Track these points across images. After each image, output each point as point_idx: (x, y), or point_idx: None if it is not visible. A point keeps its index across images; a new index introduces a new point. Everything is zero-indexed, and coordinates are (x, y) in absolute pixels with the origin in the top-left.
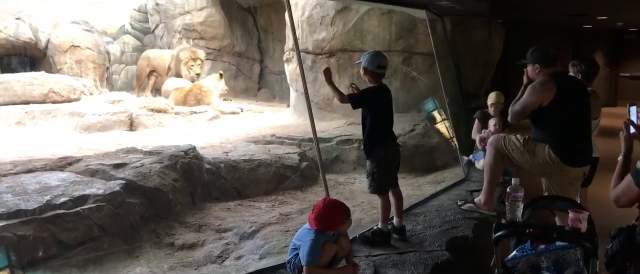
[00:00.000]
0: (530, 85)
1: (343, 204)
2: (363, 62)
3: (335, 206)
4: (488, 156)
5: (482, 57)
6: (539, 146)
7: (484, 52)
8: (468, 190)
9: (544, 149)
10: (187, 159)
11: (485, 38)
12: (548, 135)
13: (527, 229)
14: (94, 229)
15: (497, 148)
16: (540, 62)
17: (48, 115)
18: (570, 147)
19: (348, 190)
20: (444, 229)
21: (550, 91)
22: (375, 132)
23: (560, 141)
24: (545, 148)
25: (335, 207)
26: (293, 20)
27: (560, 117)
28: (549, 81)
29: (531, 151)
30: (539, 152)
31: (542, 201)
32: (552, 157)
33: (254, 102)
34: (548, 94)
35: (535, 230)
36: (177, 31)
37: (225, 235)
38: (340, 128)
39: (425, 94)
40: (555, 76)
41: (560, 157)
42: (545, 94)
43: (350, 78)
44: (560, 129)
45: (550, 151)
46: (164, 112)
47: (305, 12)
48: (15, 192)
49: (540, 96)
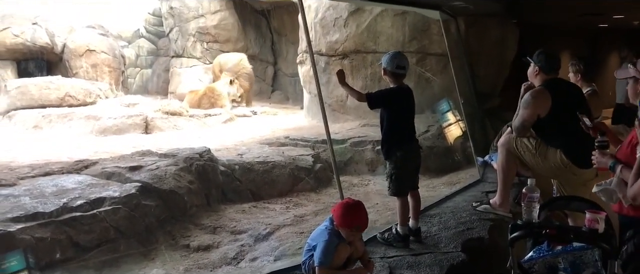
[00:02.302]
0: (523, 98)
1: (361, 215)
2: (383, 62)
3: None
4: (500, 157)
5: (497, 57)
6: (550, 150)
7: (498, 52)
8: (483, 191)
9: (555, 153)
10: (202, 162)
11: (500, 38)
12: (556, 141)
13: (544, 230)
14: (110, 231)
15: (509, 149)
16: (542, 66)
17: (64, 118)
18: (580, 150)
19: (362, 192)
20: (460, 231)
21: (546, 102)
22: (393, 133)
23: (570, 145)
24: (557, 152)
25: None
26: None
27: (562, 124)
28: (543, 91)
29: (543, 155)
30: (551, 156)
31: (559, 202)
32: (564, 161)
33: (268, 104)
34: (544, 105)
35: (551, 231)
36: (192, 34)
37: (240, 237)
38: (353, 130)
39: (440, 95)
40: (550, 84)
41: (572, 161)
42: (541, 106)
43: (364, 79)
44: (567, 135)
45: (562, 155)
46: (179, 115)
47: (319, 14)
48: (33, 195)
49: (535, 109)
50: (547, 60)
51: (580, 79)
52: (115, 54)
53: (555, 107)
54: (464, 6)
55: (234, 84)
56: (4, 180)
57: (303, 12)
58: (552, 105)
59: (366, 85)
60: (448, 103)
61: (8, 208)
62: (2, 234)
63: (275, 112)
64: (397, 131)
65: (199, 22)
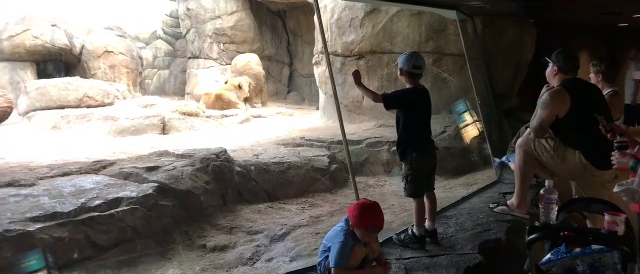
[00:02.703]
0: (541, 99)
1: (377, 216)
2: (399, 63)
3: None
4: (517, 158)
5: (514, 57)
6: (568, 152)
7: (516, 52)
8: (500, 192)
9: (574, 154)
10: (218, 162)
11: (517, 38)
12: (575, 142)
13: (562, 232)
14: (128, 231)
15: (527, 150)
16: (561, 66)
17: (83, 119)
18: (599, 151)
19: (378, 192)
20: (476, 232)
21: (564, 102)
22: (409, 134)
23: (589, 146)
24: (576, 154)
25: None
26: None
27: (582, 124)
28: (561, 91)
29: (561, 156)
30: (570, 158)
31: (578, 204)
32: (583, 163)
33: (284, 105)
34: (562, 105)
35: (569, 233)
36: (208, 36)
37: (256, 237)
38: (369, 130)
39: (456, 95)
40: (568, 84)
41: (592, 162)
42: (559, 106)
43: (380, 80)
44: (586, 135)
45: (581, 156)
46: (196, 116)
47: (335, 15)
48: (52, 195)
49: (554, 109)
50: (565, 60)
51: (601, 79)
52: (132, 55)
53: (574, 107)
54: (480, 6)
55: (242, 85)
56: (23, 180)
57: (319, 12)
58: (571, 105)
59: (382, 86)
60: (465, 103)
61: (27, 208)
62: (21, 234)
63: (291, 112)
64: (413, 131)
65: (216, 23)
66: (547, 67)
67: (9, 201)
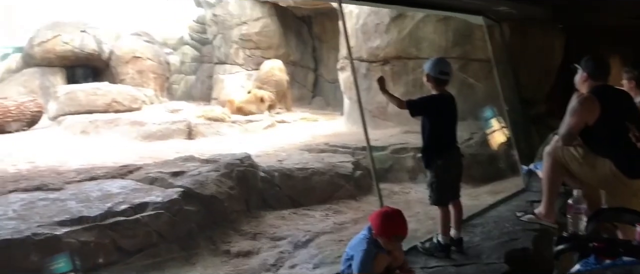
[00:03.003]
0: (570, 105)
1: (401, 224)
2: (425, 68)
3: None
4: (545, 165)
5: (542, 63)
6: (598, 160)
7: (544, 58)
8: (528, 200)
9: (604, 163)
10: (243, 168)
11: (545, 44)
12: (605, 150)
13: (591, 243)
14: (153, 236)
15: (555, 158)
16: (590, 72)
17: (110, 124)
18: (631, 159)
19: (403, 200)
20: (503, 241)
21: (594, 109)
22: (434, 141)
23: (620, 154)
24: (606, 162)
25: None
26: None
27: (612, 132)
28: (591, 98)
29: (591, 164)
30: (599, 166)
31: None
32: (614, 171)
33: (308, 110)
34: (592, 113)
35: (599, 244)
36: (234, 41)
37: (279, 243)
38: (395, 136)
39: (483, 101)
40: (598, 90)
41: (623, 171)
42: (589, 114)
43: (405, 86)
44: (617, 144)
45: (611, 165)
46: (221, 121)
47: (360, 20)
48: (79, 199)
49: (583, 116)
50: (595, 67)
51: (634, 86)
52: (160, 60)
53: (604, 114)
54: (508, 11)
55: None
56: (52, 184)
57: (343, 18)
58: (601, 113)
59: (408, 91)
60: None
61: (55, 212)
62: (49, 237)
63: (316, 118)
64: (438, 138)
65: (242, 29)
66: (577, 73)
67: (38, 205)
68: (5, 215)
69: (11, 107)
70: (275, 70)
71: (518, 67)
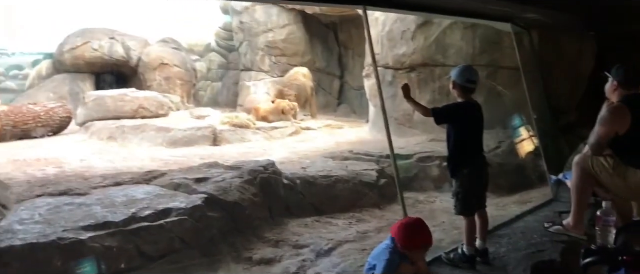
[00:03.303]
0: (600, 114)
1: (427, 233)
2: (452, 75)
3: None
4: (575, 176)
5: (572, 71)
6: (629, 170)
7: (574, 66)
8: (556, 211)
9: (635, 173)
10: (266, 174)
11: (576, 52)
12: (636, 160)
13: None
14: (175, 242)
15: (584, 168)
16: (621, 81)
17: (137, 130)
18: None
19: (428, 209)
20: (530, 252)
21: (625, 118)
22: (459, 150)
23: None
24: (637, 173)
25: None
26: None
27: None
28: (621, 107)
29: (621, 175)
30: (630, 177)
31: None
32: None
33: (333, 117)
34: (622, 121)
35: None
36: (260, 48)
37: (302, 251)
38: (420, 144)
39: (511, 109)
40: (629, 99)
41: None
42: (619, 123)
43: (432, 93)
44: None
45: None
46: (246, 127)
47: (386, 27)
48: (104, 204)
49: (613, 126)
50: (626, 75)
51: None
52: (187, 67)
53: (635, 124)
54: (537, 18)
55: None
56: (78, 189)
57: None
58: (632, 122)
59: (434, 99)
60: (520, 118)
61: (80, 217)
62: (74, 242)
63: (340, 125)
64: (464, 147)
65: (268, 36)
66: (607, 82)
67: (64, 210)
68: (32, 219)
69: (41, 112)
70: (299, 75)
71: (547, 75)
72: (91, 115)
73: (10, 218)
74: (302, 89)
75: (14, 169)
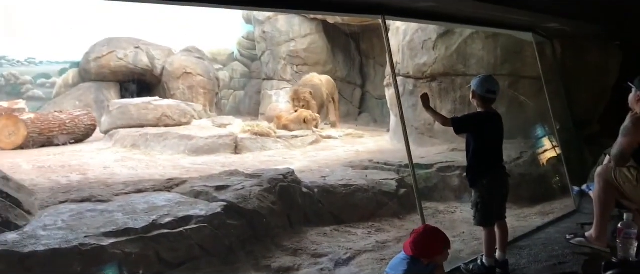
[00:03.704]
0: (623, 125)
1: (443, 233)
2: (473, 85)
3: (435, 233)
4: (597, 187)
5: (596, 82)
6: None
7: (598, 76)
8: (578, 223)
9: None
10: (286, 183)
11: (600, 62)
12: None
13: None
14: (195, 249)
15: (607, 179)
16: None
17: (160, 138)
18: None
19: (448, 219)
20: (551, 265)
21: None
22: (479, 160)
23: None
24: None
25: (435, 234)
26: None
27: None
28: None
29: None
30: None
31: None
32: None
33: (354, 126)
34: None
35: None
36: (282, 58)
37: (320, 260)
38: (441, 154)
39: (533, 120)
40: None
41: None
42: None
43: (453, 103)
44: None
45: None
46: (267, 136)
47: (407, 37)
48: (125, 211)
49: (636, 137)
50: None
51: None
52: (210, 76)
53: None
54: (560, 28)
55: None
56: (100, 196)
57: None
58: None
59: (455, 109)
60: (542, 129)
61: (102, 223)
62: (95, 248)
63: (361, 134)
64: (484, 157)
65: (290, 45)
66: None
67: (86, 216)
68: (55, 225)
69: (66, 120)
70: (315, 77)
71: (570, 86)
72: (115, 123)
73: (34, 223)
74: (317, 89)
75: (39, 175)
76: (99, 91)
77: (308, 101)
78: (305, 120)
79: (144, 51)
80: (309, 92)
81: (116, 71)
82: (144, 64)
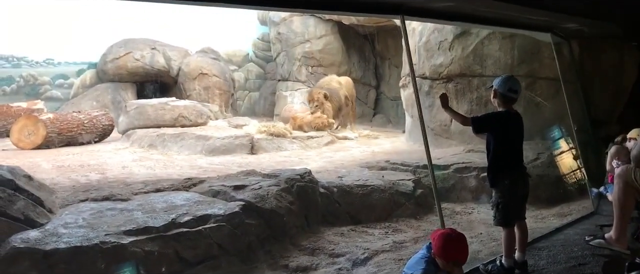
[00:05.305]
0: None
1: (463, 253)
2: (494, 84)
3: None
4: (616, 188)
5: (614, 82)
6: None
7: (616, 77)
8: (597, 224)
9: None
10: (303, 183)
11: (617, 62)
12: None
13: None
14: (214, 248)
15: (627, 181)
16: None
17: (177, 138)
18: None
19: (465, 220)
20: (570, 266)
21: None
22: (499, 160)
23: None
24: None
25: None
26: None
27: None
28: None
29: None
30: None
31: None
32: None
33: (369, 127)
34: None
35: None
36: (297, 59)
37: (338, 260)
38: (458, 155)
39: (551, 121)
40: None
41: None
42: None
43: (469, 104)
44: None
45: None
46: (283, 137)
47: (423, 38)
48: (145, 210)
49: None
50: None
51: None
52: (225, 77)
53: None
54: (577, 28)
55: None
56: (120, 195)
57: (406, 35)
58: None
59: (471, 109)
60: (560, 130)
61: (122, 221)
62: (115, 246)
63: (377, 135)
64: (504, 157)
65: (305, 47)
66: None
67: (106, 214)
68: (76, 223)
69: (84, 120)
70: (334, 80)
71: (588, 86)
72: (133, 123)
73: (55, 221)
74: (334, 92)
75: (59, 174)
76: (116, 91)
77: (322, 102)
78: (322, 123)
79: (160, 52)
80: (324, 94)
81: (133, 71)
82: (161, 65)
